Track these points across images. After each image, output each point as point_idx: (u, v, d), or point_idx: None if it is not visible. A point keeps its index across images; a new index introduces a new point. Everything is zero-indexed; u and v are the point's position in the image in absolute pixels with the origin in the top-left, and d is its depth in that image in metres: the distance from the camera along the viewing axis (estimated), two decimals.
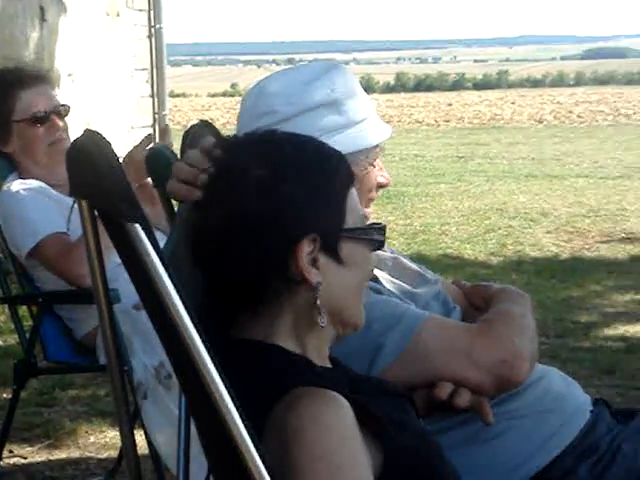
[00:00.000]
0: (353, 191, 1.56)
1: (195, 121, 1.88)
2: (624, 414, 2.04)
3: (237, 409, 1.25)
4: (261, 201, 1.47)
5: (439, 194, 11.61)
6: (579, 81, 77.27)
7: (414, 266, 2.13)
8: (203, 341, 1.24)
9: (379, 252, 2.06)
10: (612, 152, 17.14)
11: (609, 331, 5.49)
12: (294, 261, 1.47)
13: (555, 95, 43.22)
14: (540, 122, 27.36)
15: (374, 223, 1.62)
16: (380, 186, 2.02)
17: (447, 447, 1.57)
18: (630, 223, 9.04)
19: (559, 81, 78.11)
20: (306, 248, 1.47)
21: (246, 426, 1.26)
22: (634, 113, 29.38)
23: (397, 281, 2.03)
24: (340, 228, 1.52)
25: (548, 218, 9.46)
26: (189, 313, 1.24)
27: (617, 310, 5.96)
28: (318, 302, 1.49)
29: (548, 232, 8.72)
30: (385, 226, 1.60)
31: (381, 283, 1.97)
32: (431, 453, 1.50)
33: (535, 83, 75.87)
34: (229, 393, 1.25)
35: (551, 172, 13.90)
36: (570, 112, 30.63)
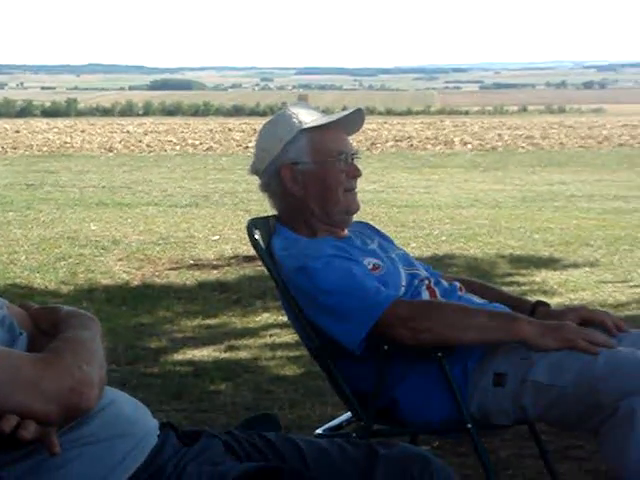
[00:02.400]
0: None
1: None
2: (190, 436, 2.11)
3: None
4: None
5: (7, 222, 11.30)
6: (147, 111, 78.62)
7: None
8: None
9: None
10: (180, 181, 17.61)
11: (178, 356, 5.61)
12: None
13: (125, 124, 43.71)
14: (110, 151, 27.51)
15: None
16: None
17: None
18: (198, 250, 9.32)
19: (128, 110, 78.96)
20: None
21: None
22: (200, 143, 30.43)
23: None
24: None
25: (119, 246, 9.51)
26: None
27: (185, 335, 6.11)
28: None
29: (119, 260, 8.76)
30: None
31: None
32: None
33: (105, 112, 76.13)
34: None
35: (122, 200, 14.00)
36: (140, 141, 31.11)
